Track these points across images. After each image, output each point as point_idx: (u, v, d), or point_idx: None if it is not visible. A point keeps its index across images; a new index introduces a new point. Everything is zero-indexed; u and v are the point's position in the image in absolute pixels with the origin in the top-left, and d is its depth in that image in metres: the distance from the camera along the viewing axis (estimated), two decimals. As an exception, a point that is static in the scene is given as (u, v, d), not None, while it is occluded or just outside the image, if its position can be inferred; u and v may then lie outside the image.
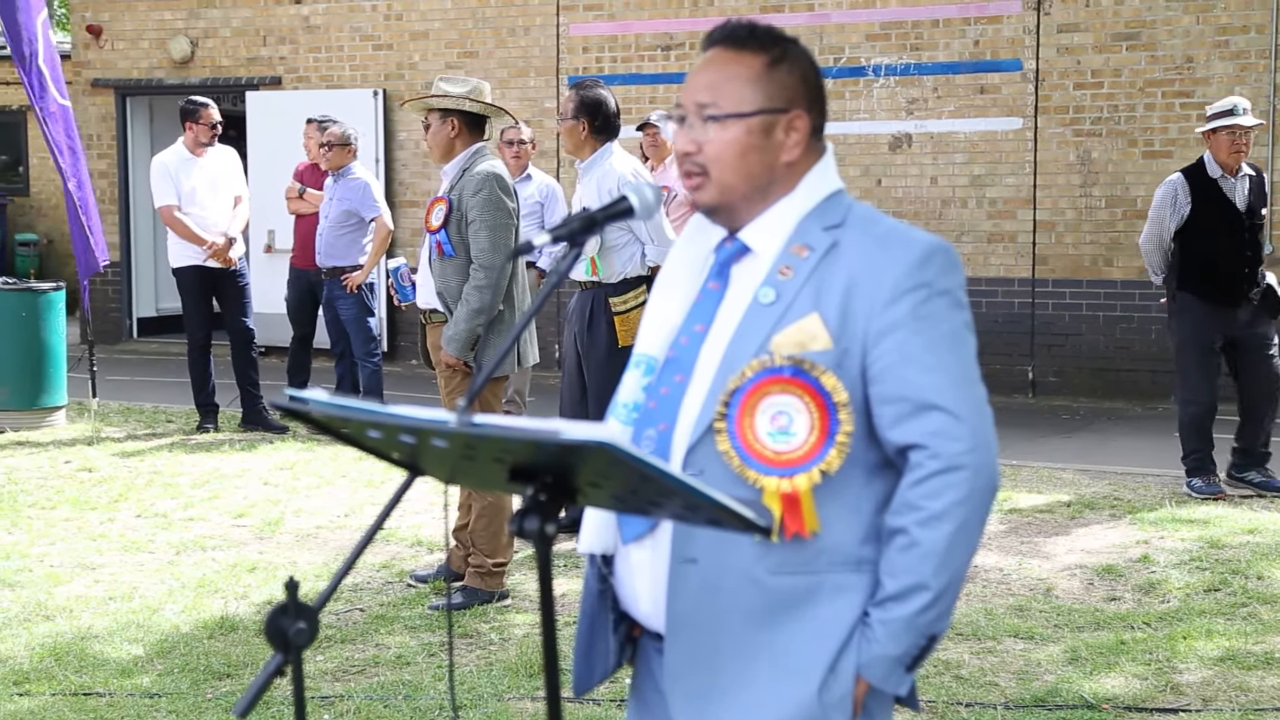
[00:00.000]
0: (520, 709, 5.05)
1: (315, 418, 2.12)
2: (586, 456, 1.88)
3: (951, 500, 2.27)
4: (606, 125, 6.96)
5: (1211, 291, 8.09)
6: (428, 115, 6.26)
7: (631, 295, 6.98)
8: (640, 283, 7.01)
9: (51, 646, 5.71)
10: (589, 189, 6.97)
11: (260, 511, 7.99)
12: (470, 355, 6.14)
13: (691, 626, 2.36)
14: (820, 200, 2.43)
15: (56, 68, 10.69)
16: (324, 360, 11.60)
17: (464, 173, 6.19)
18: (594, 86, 7.01)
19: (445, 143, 6.23)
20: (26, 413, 10.49)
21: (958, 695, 5.17)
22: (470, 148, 6.24)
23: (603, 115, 6.93)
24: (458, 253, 6.16)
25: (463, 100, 6.21)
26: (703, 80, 2.43)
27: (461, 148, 6.23)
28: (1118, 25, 12.18)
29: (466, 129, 6.23)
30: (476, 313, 6.05)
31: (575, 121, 6.91)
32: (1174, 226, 8.12)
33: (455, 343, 6.13)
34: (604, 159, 6.95)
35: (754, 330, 2.35)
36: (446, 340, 6.17)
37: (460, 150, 6.23)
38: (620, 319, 6.94)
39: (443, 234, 6.18)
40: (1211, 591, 6.39)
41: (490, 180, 6.13)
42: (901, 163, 12.91)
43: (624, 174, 6.89)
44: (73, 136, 10.77)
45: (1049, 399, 12.36)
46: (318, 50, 15.17)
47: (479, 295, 6.05)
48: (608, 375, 6.97)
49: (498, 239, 6.10)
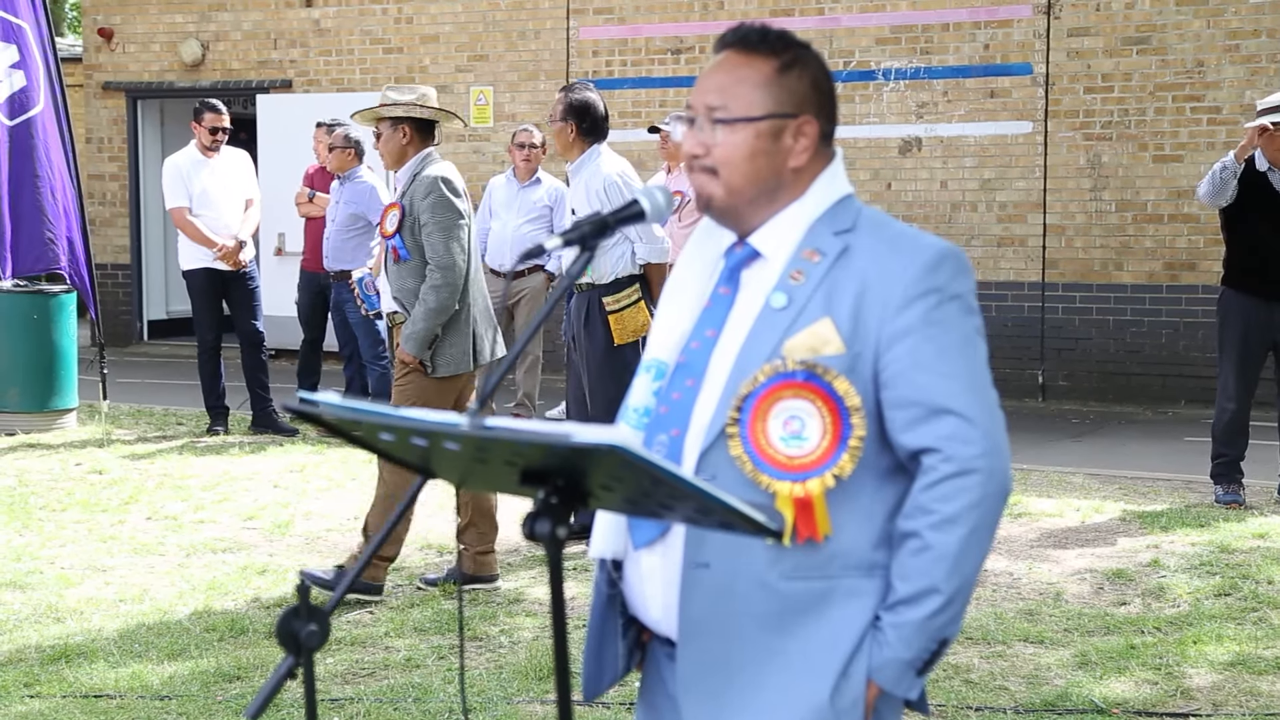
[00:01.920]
0: (530, 712, 5.05)
1: (326, 420, 2.12)
2: (598, 459, 1.88)
3: (964, 504, 2.27)
4: (595, 127, 7.08)
5: (1254, 283, 8.03)
6: (379, 125, 6.41)
7: (624, 294, 7.10)
8: (632, 282, 7.13)
9: (62, 648, 5.72)
10: (577, 191, 7.11)
11: (270, 514, 7.99)
12: (428, 354, 6.26)
13: (704, 632, 2.36)
14: (830, 205, 2.43)
15: None
16: (333, 363, 11.61)
17: (415, 177, 6.34)
18: (582, 89, 7.15)
19: (397, 150, 6.38)
20: (37, 415, 10.51)
21: (967, 699, 5.16)
22: (421, 153, 6.38)
23: (591, 118, 7.05)
24: (413, 256, 6.30)
25: (412, 107, 6.37)
26: (713, 83, 2.43)
27: (413, 153, 6.38)
28: (1128, 29, 12.17)
29: (417, 135, 6.38)
30: (434, 312, 6.20)
31: (564, 124, 7.05)
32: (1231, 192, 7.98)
33: (412, 341, 6.24)
34: (592, 160, 7.07)
35: (766, 335, 2.35)
36: (405, 339, 6.30)
37: (411, 156, 6.38)
38: (614, 318, 7.07)
39: (397, 239, 6.32)
40: (1221, 596, 6.38)
41: (438, 183, 6.27)
42: (911, 166, 12.91)
43: (610, 175, 7.02)
44: None
45: (1059, 403, 12.35)
46: (328, 53, 15.20)
47: (436, 295, 6.20)
48: (605, 374, 7.07)
49: (450, 239, 6.23)
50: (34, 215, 10.84)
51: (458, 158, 14.54)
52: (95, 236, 14.44)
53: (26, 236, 10.83)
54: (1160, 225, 12.16)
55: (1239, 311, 8.08)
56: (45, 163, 10.86)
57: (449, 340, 6.29)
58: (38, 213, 10.84)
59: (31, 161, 10.80)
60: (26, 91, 10.79)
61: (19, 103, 10.81)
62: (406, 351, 6.27)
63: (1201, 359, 11.69)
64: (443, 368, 6.29)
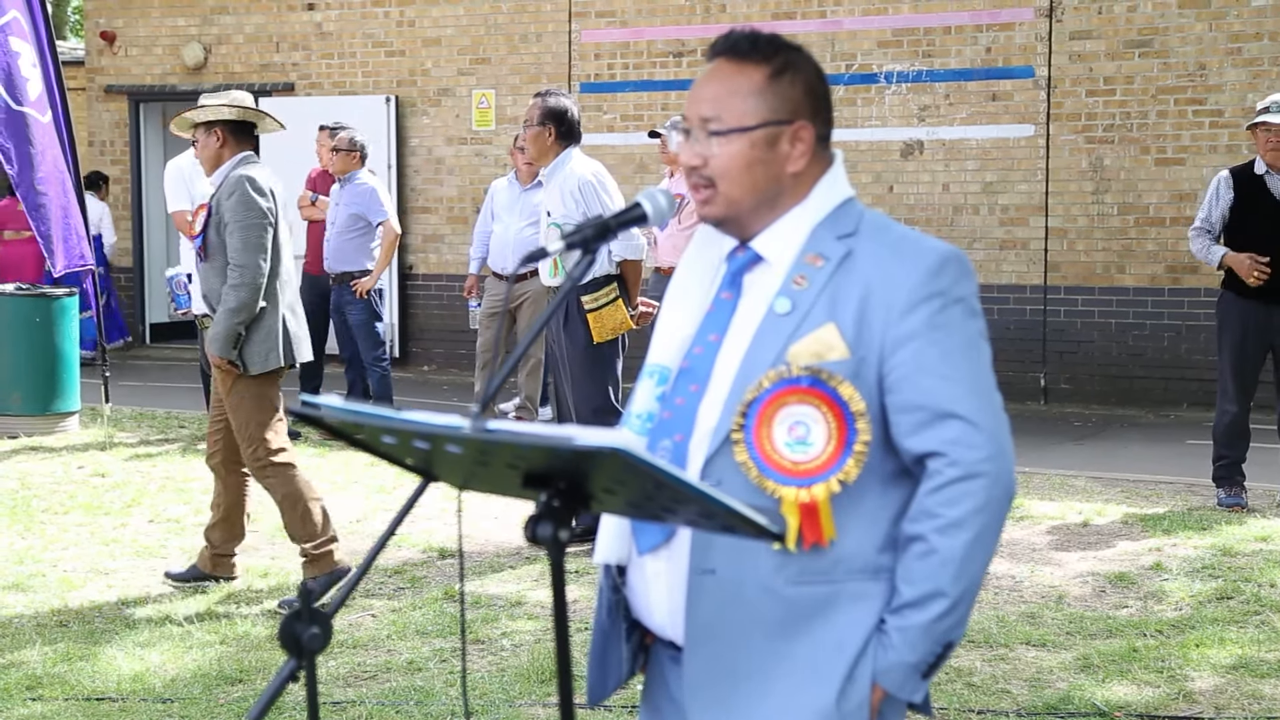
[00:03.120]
0: (532, 715, 5.05)
1: (328, 423, 2.12)
2: (601, 462, 1.88)
3: (969, 508, 2.27)
4: (570, 131, 7.24)
5: (1253, 288, 8.04)
6: (194, 132, 6.48)
7: (602, 293, 7.19)
8: (609, 281, 7.22)
9: (64, 651, 5.72)
10: (551, 194, 7.22)
11: (272, 517, 7.98)
12: (234, 354, 6.29)
13: (710, 637, 2.35)
14: (832, 209, 2.43)
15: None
16: (335, 366, 11.62)
17: (225, 178, 6.40)
18: (558, 95, 7.30)
19: (213, 154, 6.44)
20: (39, 418, 10.52)
21: (970, 703, 5.16)
22: (237, 156, 6.43)
23: (567, 122, 7.22)
24: (217, 255, 6.34)
25: (221, 109, 6.44)
26: (706, 93, 2.42)
27: (229, 156, 6.43)
28: (1130, 32, 12.17)
29: (232, 138, 6.43)
30: (234, 311, 6.23)
31: (542, 128, 7.19)
32: (1218, 218, 8.09)
33: (216, 342, 6.28)
34: (565, 163, 7.19)
35: (770, 340, 2.34)
36: (209, 340, 6.36)
37: (227, 159, 6.43)
38: (593, 316, 7.17)
39: (200, 239, 6.40)
40: (1224, 599, 6.38)
41: (242, 182, 6.31)
42: (913, 170, 12.91)
43: (584, 175, 7.16)
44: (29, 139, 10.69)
45: (1061, 406, 12.35)
46: (330, 57, 15.21)
47: (235, 295, 6.23)
48: (585, 373, 7.15)
49: (250, 238, 6.27)
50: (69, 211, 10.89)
51: (459, 161, 14.57)
52: (97, 239, 14.43)
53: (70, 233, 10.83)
54: (1162, 228, 12.15)
55: (1237, 315, 8.09)
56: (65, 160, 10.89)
57: (256, 338, 6.30)
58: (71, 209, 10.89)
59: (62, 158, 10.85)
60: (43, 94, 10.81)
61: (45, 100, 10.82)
62: (212, 353, 6.32)
63: (1204, 362, 11.69)
64: (254, 366, 6.29)
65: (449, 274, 14.57)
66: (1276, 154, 7.96)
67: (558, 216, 7.11)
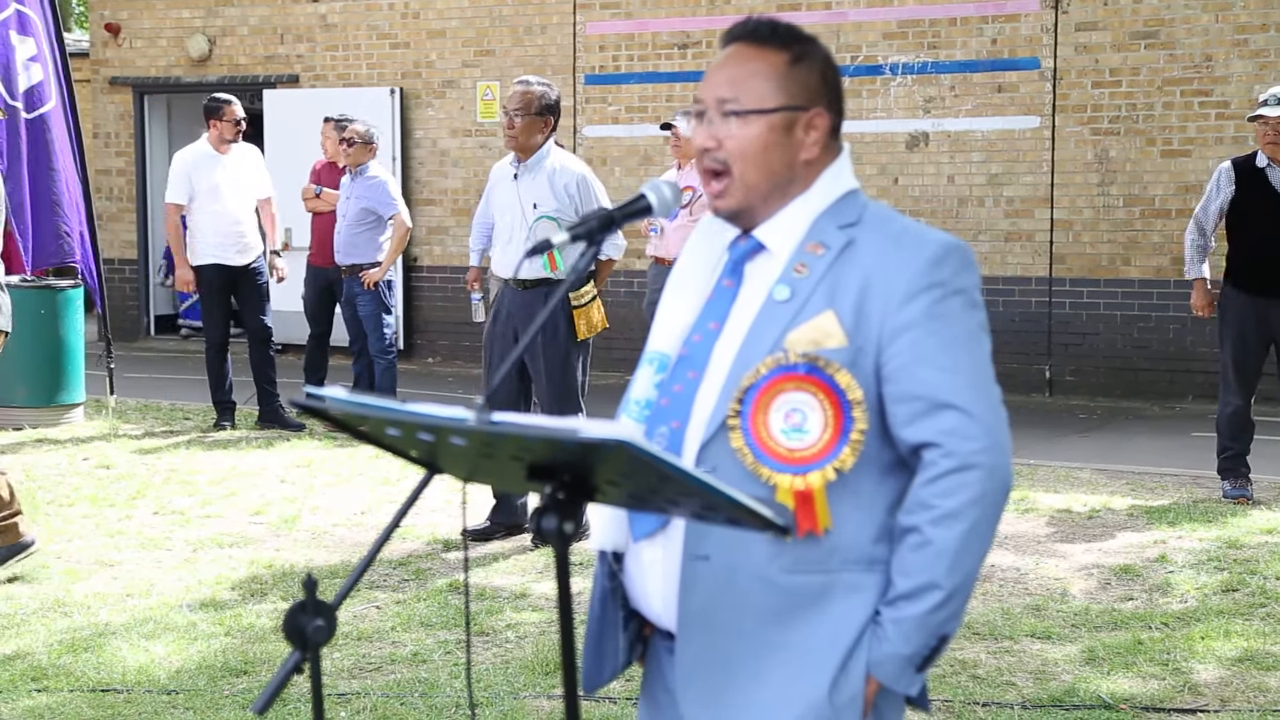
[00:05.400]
0: (536, 707, 5.05)
1: (333, 415, 2.12)
2: (606, 455, 1.88)
3: (965, 499, 2.26)
4: (557, 124, 7.39)
5: (1253, 282, 8.03)
6: None
7: (585, 290, 7.22)
8: (591, 277, 7.33)
9: (69, 643, 5.73)
10: (539, 184, 7.19)
11: (277, 509, 8.00)
12: None
13: (703, 625, 2.35)
14: (836, 199, 2.42)
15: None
16: (341, 358, 11.62)
17: None
18: (549, 86, 7.32)
19: None
20: (44, 410, 10.52)
21: (974, 695, 5.16)
22: None
23: (558, 115, 7.37)
24: None
25: None
26: (724, 75, 2.41)
27: None
28: (1136, 23, 12.15)
29: None
30: None
31: (542, 118, 7.23)
32: (1216, 212, 8.11)
33: None
34: (547, 155, 7.24)
35: (768, 327, 2.34)
36: None
37: None
38: (579, 313, 7.18)
39: None
40: (1229, 591, 6.38)
41: None
42: (919, 161, 12.89)
43: (581, 172, 7.26)
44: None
45: (1066, 398, 12.34)
46: (335, 48, 15.20)
47: None
48: (564, 369, 7.13)
49: None
50: (49, 209, 10.86)
51: (464, 153, 14.56)
52: (102, 231, 14.45)
53: (44, 230, 10.84)
54: (1168, 220, 12.13)
55: (1238, 308, 8.09)
56: (59, 156, 10.88)
57: None
58: (53, 206, 10.86)
59: (48, 155, 10.83)
60: (43, 85, 10.82)
61: (37, 96, 10.82)
62: None
63: (1209, 354, 11.66)
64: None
65: (453, 266, 14.56)
66: (1275, 147, 7.95)
67: (549, 209, 7.11)
